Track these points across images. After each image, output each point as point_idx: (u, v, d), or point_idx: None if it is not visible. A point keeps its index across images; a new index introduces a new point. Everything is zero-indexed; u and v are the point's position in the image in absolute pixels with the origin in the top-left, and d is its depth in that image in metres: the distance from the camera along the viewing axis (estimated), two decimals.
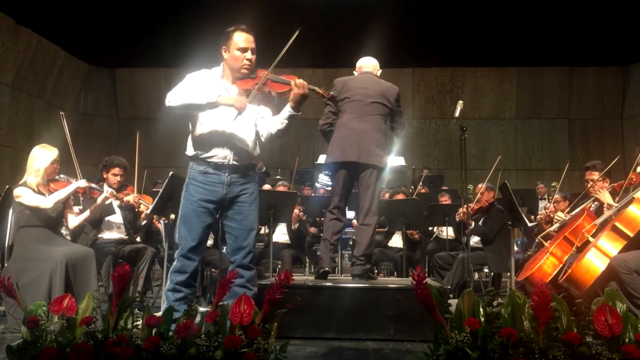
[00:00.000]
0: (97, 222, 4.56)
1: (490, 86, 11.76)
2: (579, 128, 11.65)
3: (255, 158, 3.09)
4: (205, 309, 2.50)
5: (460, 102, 4.10)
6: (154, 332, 2.27)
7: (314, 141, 11.41)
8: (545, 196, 8.33)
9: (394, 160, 8.04)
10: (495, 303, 2.30)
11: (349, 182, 3.97)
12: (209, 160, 2.96)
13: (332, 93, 2.97)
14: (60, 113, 4.68)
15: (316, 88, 2.94)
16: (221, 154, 2.95)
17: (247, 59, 2.94)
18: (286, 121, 2.95)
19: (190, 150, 3.03)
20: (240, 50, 2.93)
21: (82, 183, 4.17)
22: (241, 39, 2.93)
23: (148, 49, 10.15)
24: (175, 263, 3.00)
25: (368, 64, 4.11)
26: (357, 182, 3.97)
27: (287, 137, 3.40)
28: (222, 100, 2.84)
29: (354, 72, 4.18)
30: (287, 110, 2.94)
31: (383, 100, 3.93)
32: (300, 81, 2.88)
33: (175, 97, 2.88)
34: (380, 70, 4.16)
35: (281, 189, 6.13)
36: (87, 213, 4.27)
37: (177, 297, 2.92)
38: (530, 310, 2.16)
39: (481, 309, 2.24)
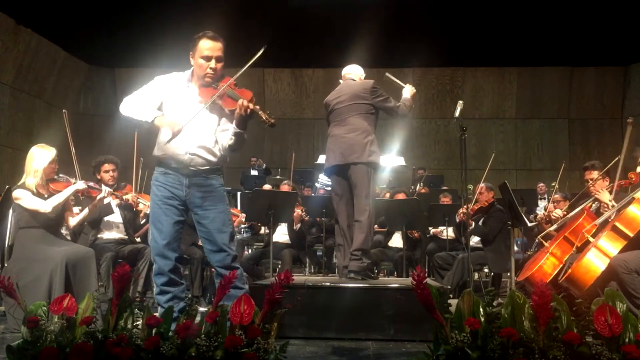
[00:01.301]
0: (96, 222, 4.56)
1: (490, 86, 11.76)
2: (579, 128, 11.66)
3: (217, 163, 3.04)
4: (205, 309, 2.50)
5: (460, 102, 4.11)
6: (154, 332, 2.27)
7: (314, 141, 11.41)
8: (546, 196, 8.32)
9: (394, 160, 8.04)
10: (495, 303, 2.30)
11: (343, 185, 4.05)
12: (168, 163, 2.97)
13: (272, 120, 2.91)
14: (63, 111, 4.65)
15: (260, 113, 2.87)
16: (178, 159, 2.95)
17: (211, 68, 2.92)
18: (233, 137, 2.95)
19: (155, 152, 3.04)
20: (204, 58, 2.91)
21: (81, 185, 4.15)
22: (206, 46, 2.91)
23: (148, 49, 10.14)
24: (154, 266, 3.00)
25: (351, 72, 4.24)
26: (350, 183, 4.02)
27: (287, 136, 3.40)
28: (158, 122, 2.89)
29: (340, 81, 4.28)
30: (232, 126, 2.95)
31: (357, 99, 4.01)
32: (242, 102, 2.84)
33: (125, 106, 2.95)
34: (364, 75, 4.26)
35: (285, 188, 6.13)
36: (85, 211, 4.23)
37: (166, 298, 2.93)
38: (530, 310, 2.16)
39: (481, 309, 2.24)
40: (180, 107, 2.96)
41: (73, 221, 4.17)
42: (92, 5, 8.97)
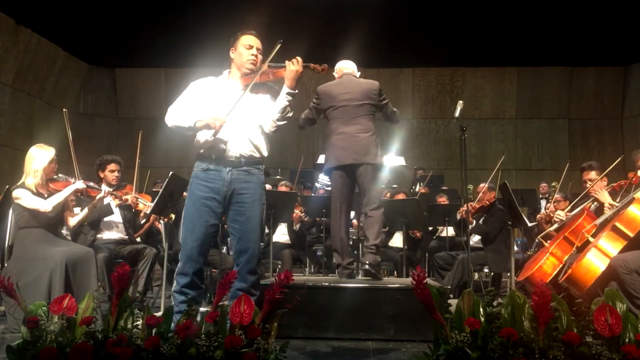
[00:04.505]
0: (95, 223, 4.55)
1: (490, 86, 11.75)
2: (579, 128, 11.65)
3: (260, 154, 3.10)
4: (205, 309, 2.50)
5: (460, 102, 4.11)
6: (154, 332, 2.27)
7: (314, 141, 11.40)
8: (547, 196, 8.31)
9: (394, 160, 8.03)
10: (495, 303, 2.30)
11: (348, 185, 4.05)
12: (210, 155, 2.99)
13: (325, 65, 3.13)
14: (64, 110, 4.65)
15: (310, 64, 3.09)
16: (221, 148, 2.98)
17: (252, 55, 3.07)
18: (285, 101, 3.02)
19: (194, 147, 3.07)
20: (246, 47, 3.08)
21: (80, 184, 4.15)
22: (248, 38, 3.09)
23: (148, 49, 10.13)
24: (178, 264, 3.01)
25: (348, 67, 4.24)
26: (357, 182, 4.01)
27: (287, 137, 3.42)
28: (199, 124, 2.93)
29: (334, 74, 4.27)
30: (284, 89, 3.03)
31: (368, 100, 4.04)
32: (293, 60, 3.00)
33: (169, 117, 3.03)
34: (360, 72, 4.27)
35: (283, 189, 6.13)
36: (85, 211, 4.23)
37: (183, 299, 2.92)
38: (530, 310, 2.16)
39: (481, 309, 2.24)
40: (224, 101, 3.00)
41: (73, 221, 4.17)
42: (91, 5, 8.95)
